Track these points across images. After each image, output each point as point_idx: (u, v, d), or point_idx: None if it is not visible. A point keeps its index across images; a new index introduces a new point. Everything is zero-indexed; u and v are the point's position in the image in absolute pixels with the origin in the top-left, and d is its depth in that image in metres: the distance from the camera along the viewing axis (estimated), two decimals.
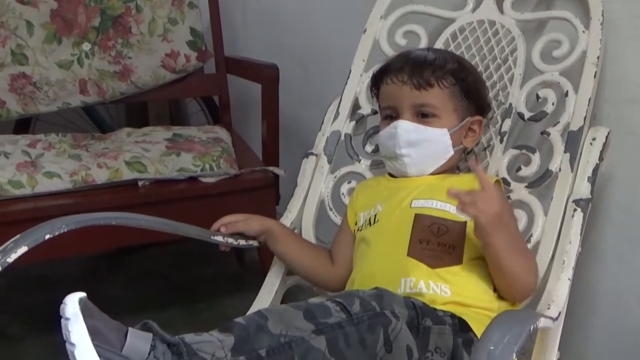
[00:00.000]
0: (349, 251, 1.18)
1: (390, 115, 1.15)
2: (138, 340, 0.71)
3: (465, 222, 1.05)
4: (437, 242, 1.04)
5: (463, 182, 1.12)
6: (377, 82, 1.20)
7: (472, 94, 1.16)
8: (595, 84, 1.14)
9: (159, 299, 1.97)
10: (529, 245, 1.10)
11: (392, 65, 1.17)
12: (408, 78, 1.12)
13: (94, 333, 0.67)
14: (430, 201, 1.09)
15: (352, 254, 1.17)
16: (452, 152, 1.15)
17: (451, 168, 1.18)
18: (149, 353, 0.70)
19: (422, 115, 1.12)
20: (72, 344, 0.65)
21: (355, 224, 1.18)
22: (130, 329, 0.72)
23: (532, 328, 0.68)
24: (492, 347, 0.59)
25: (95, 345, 0.66)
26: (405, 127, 1.12)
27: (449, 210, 1.07)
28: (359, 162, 1.33)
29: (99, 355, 0.65)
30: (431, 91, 1.12)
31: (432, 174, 1.15)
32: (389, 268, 1.04)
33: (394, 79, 1.14)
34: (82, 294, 0.68)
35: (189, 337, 0.74)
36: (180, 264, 2.21)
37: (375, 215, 1.12)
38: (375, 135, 1.33)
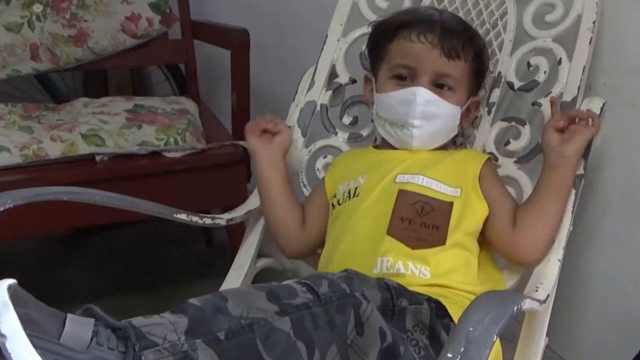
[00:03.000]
0: (320, 218, 1.19)
1: (402, 75, 1.13)
2: (78, 326, 0.70)
3: (452, 203, 1.06)
4: (420, 222, 1.04)
5: (453, 159, 1.13)
6: (387, 35, 1.16)
7: (481, 75, 1.18)
8: (591, 51, 1.14)
9: (121, 283, 1.95)
10: None
11: (416, 22, 1.13)
12: (439, 41, 1.11)
13: (27, 322, 0.65)
14: (417, 177, 1.09)
15: (323, 222, 1.18)
16: (456, 132, 1.17)
17: (444, 145, 1.19)
18: (91, 340, 0.69)
19: (439, 86, 1.12)
20: (3, 335, 0.63)
21: (335, 195, 1.17)
22: (69, 315, 0.70)
23: (515, 309, 0.68)
24: (471, 329, 0.59)
25: (29, 335, 0.64)
26: (425, 97, 1.11)
27: (436, 188, 1.07)
28: (336, 135, 1.33)
29: (34, 346, 0.63)
30: (458, 62, 1.12)
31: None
32: (366, 246, 1.04)
33: (421, 38, 1.11)
34: (12, 281, 0.66)
35: (138, 320, 0.73)
36: (144, 246, 2.20)
37: (355, 188, 1.12)
38: (353, 106, 1.33)
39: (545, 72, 1.17)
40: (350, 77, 1.34)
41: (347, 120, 1.33)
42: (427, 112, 1.11)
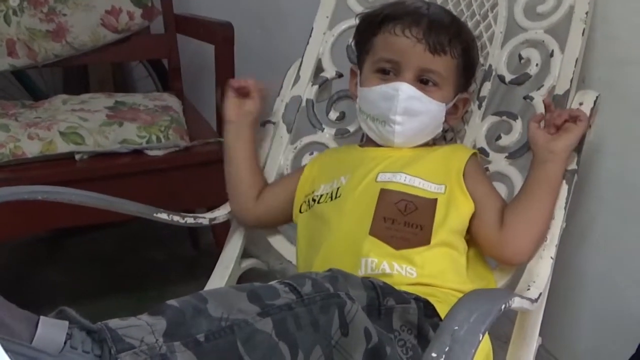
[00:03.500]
0: (276, 198, 1.22)
1: (386, 69, 1.14)
2: (51, 329, 0.69)
3: (436, 200, 1.06)
4: (403, 222, 1.04)
5: (437, 155, 1.13)
6: (372, 28, 1.17)
7: (469, 71, 1.18)
8: (584, 42, 1.14)
9: (104, 286, 1.95)
10: None
11: (402, 15, 1.14)
12: (424, 36, 1.10)
13: None
14: (398, 175, 1.09)
15: (276, 203, 1.21)
16: (441, 129, 1.17)
17: (431, 142, 1.20)
18: (65, 342, 0.69)
19: (423, 82, 1.12)
20: None
21: (313, 191, 1.16)
22: (42, 317, 0.70)
23: (503, 308, 0.68)
24: (456, 327, 0.59)
25: None
26: (408, 93, 1.10)
27: (419, 185, 1.07)
28: (322, 131, 1.33)
29: (5, 349, 0.63)
30: (443, 58, 1.12)
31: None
32: (349, 247, 1.04)
33: (406, 32, 1.11)
34: None
35: (114, 322, 0.73)
36: (128, 248, 2.19)
37: (337, 189, 1.12)
38: (340, 101, 1.33)
39: (537, 64, 1.17)
40: (337, 71, 1.34)
41: (333, 115, 1.33)
42: (410, 108, 1.11)
